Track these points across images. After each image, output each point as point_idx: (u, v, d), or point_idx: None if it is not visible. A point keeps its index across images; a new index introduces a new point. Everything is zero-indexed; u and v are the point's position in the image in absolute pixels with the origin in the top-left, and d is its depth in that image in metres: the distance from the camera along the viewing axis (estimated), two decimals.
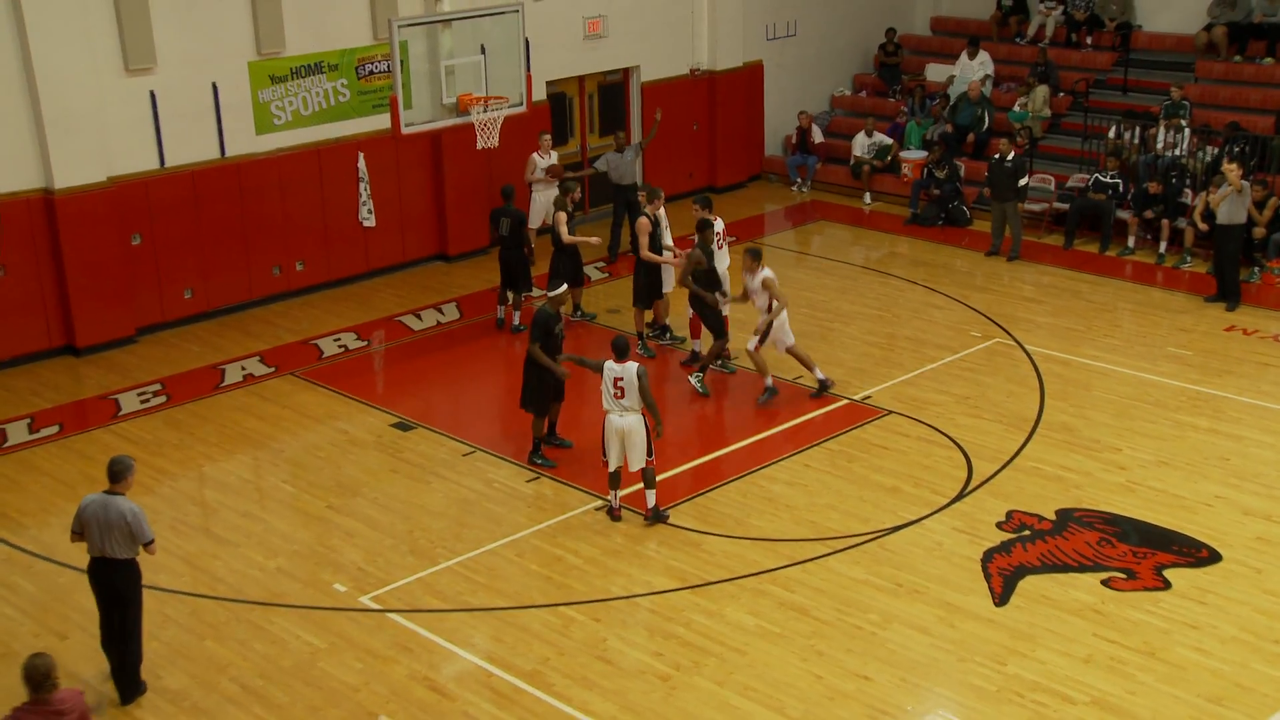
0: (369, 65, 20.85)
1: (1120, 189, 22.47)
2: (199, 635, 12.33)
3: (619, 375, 13.76)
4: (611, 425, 13.86)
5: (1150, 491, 14.51)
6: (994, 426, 16.08)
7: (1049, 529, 13.81)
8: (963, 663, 11.74)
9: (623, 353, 13.90)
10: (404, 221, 21.81)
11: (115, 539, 10.87)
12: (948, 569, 13.15)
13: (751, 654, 11.88)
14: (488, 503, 14.64)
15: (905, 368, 17.88)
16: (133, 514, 10.84)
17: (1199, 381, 17.24)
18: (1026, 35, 27.46)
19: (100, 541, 10.90)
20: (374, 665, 11.83)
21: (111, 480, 10.98)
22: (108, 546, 10.90)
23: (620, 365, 13.81)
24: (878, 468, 15.20)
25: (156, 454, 15.80)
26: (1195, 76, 24.84)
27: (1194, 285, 20.64)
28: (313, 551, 13.74)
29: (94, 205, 18.34)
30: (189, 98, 19.19)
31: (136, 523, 10.85)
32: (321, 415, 16.85)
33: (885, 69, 28.36)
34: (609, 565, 13.33)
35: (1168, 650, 11.84)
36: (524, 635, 12.21)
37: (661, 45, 24.94)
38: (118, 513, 10.81)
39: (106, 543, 10.89)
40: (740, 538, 13.81)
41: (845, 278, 21.56)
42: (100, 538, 10.88)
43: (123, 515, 10.81)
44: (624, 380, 13.73)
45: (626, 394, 13.75)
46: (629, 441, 13.83)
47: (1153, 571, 13.07)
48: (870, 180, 25.52)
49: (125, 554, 10.96)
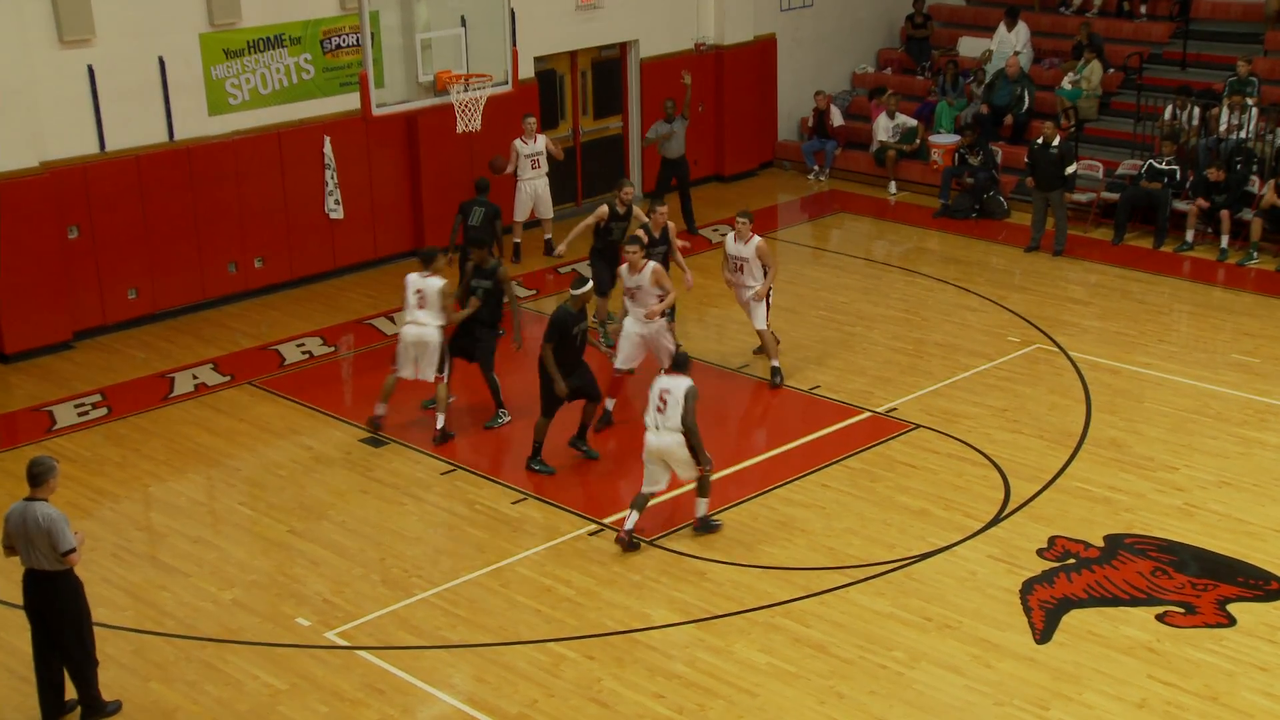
0: (336, 38, 20.92)
1: (1177, 176, 22.55)
2: (144, 676, 12.32)
3: (666, 388, 13.89)
4: (648, 445, 14.00)
5: (1211, 516, 14.53)
6: (1034, 442, 16.12)
7: (1097, 557, 13.84)
8: (1000, 706, 11.74)
9: (680, 366, 14.08)
10: (375, 213, 21.89)
11: (39, 550, 10.81)
12: (983, 601, 13.16)
13: (763, 696, 11.88)
14: (469, 527, 14.67)
15: (935, 377, 17.94)
16: (48, 520, 10.74)
17: (1266, 392, 17.30)
18: (1072, 4, 27.52)
19: (26, 553, 10.88)
20: (341, 709, 11.82)
21: (31, 485, 10.94)
22: (34, 558, 10.87)
23: (670, 378, 13.97)
24: (904, 488, 15.24)
25: (96, 473, 15.84)
26: (1265, 49, 24.95)
27: (1261, 285, 20.71)
28: (273, 582, 13.75)
29: (25, 194, 18.36)
30: (132, 73, 19.25)
31: (55, 529, 10.74)
32: (283, 429, 16.89)
33: (913, 43, 28.43)
34: (604, 597, 13.35)
35: (1232, 695, 11.86)
36: (509, 675, 12.21)
37: (663, 17, 25.04)
38: (34, 521, 10.75)
39: (32, 554, 10.86)
40: (750, 566, 13.84)
41: (868, 276, 21.63)
42: (26, 549, 10.86)
43: (39, 523, 10.74)
44: (671, 395, 13.85)
45: (668, 410, 13.84)
46: (671, 459, 13.96)
47: (1215, 605, 13.09)
48: (896, 168, 25.61)
49: (53, 565, 10.88)
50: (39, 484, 10.93)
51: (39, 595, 11.02)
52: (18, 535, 10.87)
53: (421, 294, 16.21)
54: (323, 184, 21.17)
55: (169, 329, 19.70)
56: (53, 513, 10.81)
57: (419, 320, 16.21)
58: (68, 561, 10.87)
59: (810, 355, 18.62)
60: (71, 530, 10.91)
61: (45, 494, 10.95)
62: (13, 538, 10.94)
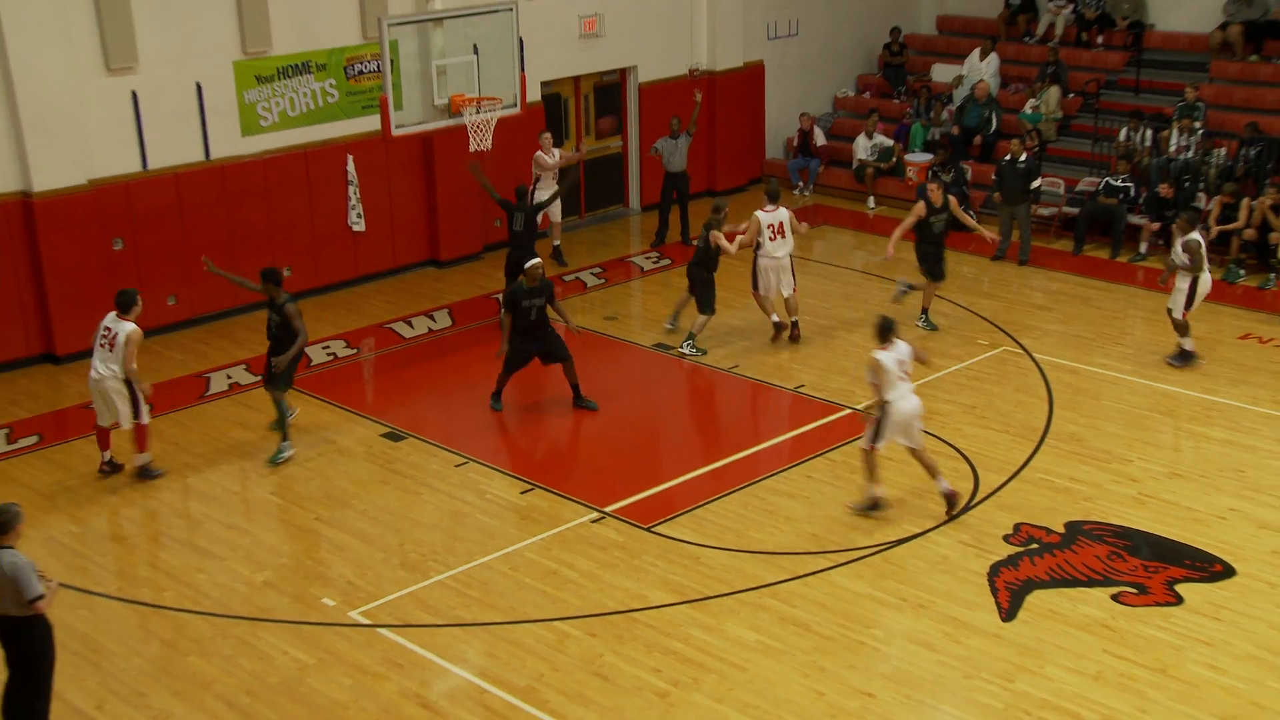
0: (358, 65, 20.94)
1: (1132, 193, 22.59)
2: (183, 651, 12.35)
3: (901, 357, 13.90)
4: (903, 412, 13.96)
5: (1162, 504, 14.56)
6: (1001, 437, 16.14)
7: (1057, 542, 13.86)
8: (969, 679, 11.76)
9: (889, 334, 13.95)
10: (394, 226, 21.90)
11: (5, 596, 10.12)
12: (953, 583, 13.18)
13: (752, 670, 11.91)
14: (481, 515, 14.68)
15: (911, 376, 17.90)
16: (13, 567, 10.06)
17: (1212, 391, 17.32)
18: (1035, 34, 27.58)
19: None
20: (363, 682, 11.86)
21: None
22: (4, 604, 10.18)
23: (894, 348, 13.91)
24: (882, 479, 15.22)
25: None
26: (1210, 77, 24.97)
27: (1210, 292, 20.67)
28: (300, 565, 13.79)
29: (74, 209, 18.41)
30: (172, 98, 19.27)
31: (20, 576, 10.07)
32: (310, 425, 16.89)
33: (889, 69, 28.47)
34: (605, 579, 13.36)
35: (1180, 667, 11.88)
36: (518, 651, 12.24)
37: (659, 44, 25.04)
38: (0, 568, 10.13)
39: (2, 600, 10.19)
40: (740, 550, 13.84)
41: (848, 284, 21.65)
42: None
43: (3, 570, 10.04)
44: (905, 360, 13.90)
45: (909, 370, 13.94)
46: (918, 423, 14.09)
47: (1165, 586, 13.12)
48: (874, 184, 25.63)
49: (18, 611, 10.17)
50: (4, 531, 10.18)
51: (8, 641, 10.38)
52: None
53: (108, 336, 14.96)
54: (346, 199, 21.18)
55: (205, 333, 19.73)
56: (19, 559, 10.11)
57: (96, 367, 14.99)
58: (34, 609, 10.17)
59: (795, 357, 18.65)
60: (40, 579, 10.24)
61: (11, 541, 10.20)
62: None
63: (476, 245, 22.72)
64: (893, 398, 13.85)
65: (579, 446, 16.45)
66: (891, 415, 13.85)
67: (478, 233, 22.70)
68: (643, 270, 22.51)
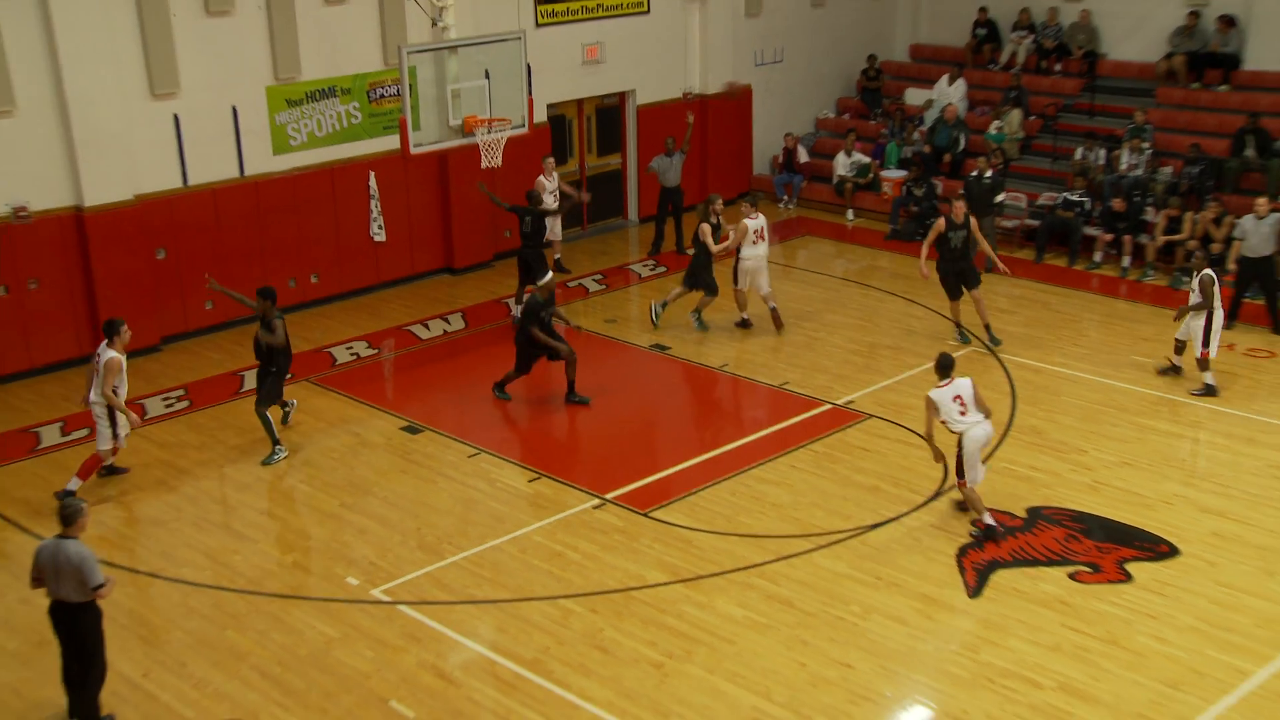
0: (380, 89, 20.94)
1: (1087, 207, 22.60)
2: (220, 625, 12.38)
3: (958, 393, 13.55)
4: (975, 440, 13.52)
5: (1114, 490, 14.58)
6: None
7: (1019, 526, 13.86)
8: (939, 651, 11.79)
9: (947, 370, 13.65)
10: (412, 236, 21.89)
11: (68, 583, 10.26)
12: (925, 564, 13.20)
13: (740, 643, 11.92)
14: (491, 501, 14.68)
15: (885, 374, 17.96)
16: (81, 559, 10.19)
17: (1159, 388, 17.33)
18: (999, 62, 27.57)
19: (55, 585, 10.32)
20: (384, 654, 11.88)
21: (63, 524, 10.36)
22: (62, 590, 10.30)
23: (951, 384, 13.56)
24: (859, 468, 15.26)
25: (180, 455, 15.88)
26: (1156, 102, 24.96)
27: (1155, 298, 20.73)
28: (327, 547, 13.80)
29: (121, 221, 18.43)
30: (210, 120, 19.27)
31: (86, 566, 10.19)
32: (334, 419, 16.91)
33: (867, 93, 28.47)
34: (606, 560, 13.37)
35: (1129, 639, 11.91)
36: (526, 626, 12.25)
37: (656, 70, 25.04)
38: (66, 558, 10.19)
39: (61, 587, 10.29)
40: (729, 534, 13.85)
41: (829, 289, 21.64)
42: (55, 582, 10.30)
43: (70, 560, 10.18)
44: (964, 395, 13.56)
45: (969, 408, 13.55)
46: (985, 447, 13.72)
47: (1116, 565, 13.14)
48: (853, 197, 25.63)
49: (79, 598, 10.31)
50: (70, 524, 10.33)
51: (65, 621, 10.45)
52: (48, 569, 10.28)
53: (95, 364, 14.53)
54: (368, 212, 21.16)
55: (240, 335, 19.65)
56: (84, 551, 10.26)
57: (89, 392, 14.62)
58: (97, 595, 10.32)
59: (780, 356, 18.66)
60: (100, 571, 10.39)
61: (76, 533, 10.34)
62: (43, 571, 10.34)
63: (488, 254, 22.73)
64: (963, 430, 13.54)
65: (582, 438, 16.46)
66: (967, 446, 13.55)
67: (489, 242, 22.70)
68: (640, 277, 22.51)
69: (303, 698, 11.30)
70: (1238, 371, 17.74)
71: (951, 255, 18.39)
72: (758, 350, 18.88)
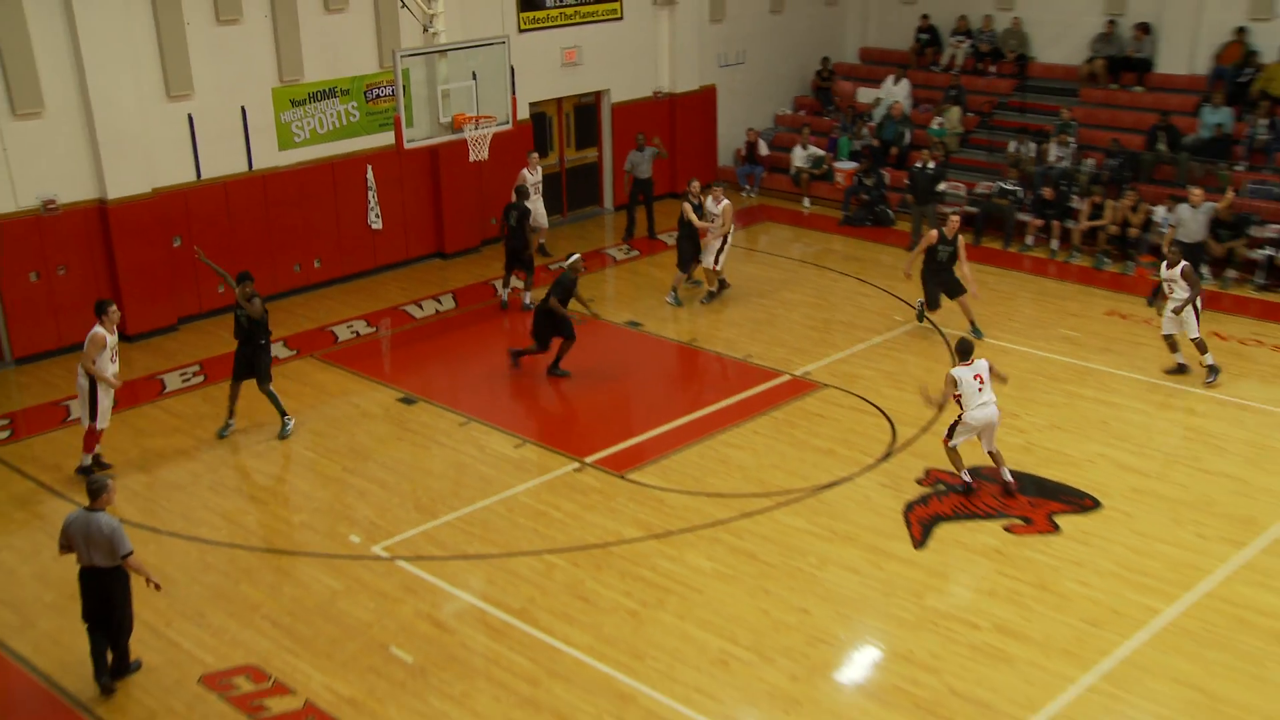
0: (376, 90, 20.84)
1: (1019, 195, 22.66)
2: (235, 579, 12.40)
3: (977, 372, 13.46)
4: (980, 419, 13.45)
5: (1044, 451, 14.69)
6: (914, 397, 16.13)
7: (961, 484, 13.96)
8: (887, 597, 11.88)
9: (968, 353, 13.58)
10: (407, 224, 21.81)
11: (99, 551, 10.30)
12: (875, 519, 13.28)
13: (708, 592, 11.98)
14: (481, 466, 14.69)
15: (839, 347, 18.01)
16: (111, 529, 10.26)
17: (1085, 359, 17.43)
18: (940, 64, 27.58)
19: (87, 554, 10.34)
20: (384, 605, 11.91)
21: (91, 499, 10.39)
22: (95, 558, 10.33)
23: (972, 364, 13.48)
24: (816, 433, 15.32)
25: (197, 425, 15.84)
26: (1080, 100, 25.01)
27: (1081, 277, 20.83)
28: (331, 508, 13.80)
29: (140, 213, 18.33)
30: (221, 119, 19.17)
31: (116, 536, 10.26)
32: (337, 391, 16.89)
33: (821, 92, 28.43)
34: (586, 518, 13.41)
35: (1056, 583, 12.03)
36: (513, 578, 12.29)
37: (628, 71, 24.96)
38: (98, 528, 10.24)
39: (93, 555, 10.32)
40: (698, 493, 13.90)
41: (788, 271, 21.67)
42: (86, 551, 10.32)
43: (102, 530, 10.23)
44: (983, 373, 13.47)
45: (986, 386, 13.47)
46: (992, 427, 13.61)
47: (1045, 518, 13.25)
48: (809, 187, 25.62)
49: (109, 564, 10.36)
50: (96, 498, 10.36)
51: (95, 585, 10.48)
52: (79, 538, 10.31)
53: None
54: (366, 202, 21.09)
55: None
56: (114, 522, 10.32)
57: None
58: (127, 563, 10.36)
59: (743, 331, 18.68)
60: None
61: (102, 505, 10.38)
62: (73, 540, 10.36)
63: (476, 240, 22.68)
64: (969, 407, 13.48)
65: (564, 408, 16.48)
66: (966, 421, 13.53)
67: (477, 229, 22.65)
68: (615, 260, 22.49)
69: (310, 644, 11.33)
70: (1150, 343, 17.84)
71: (937, 266, 18.10)
72: (722, 326, 18.92)
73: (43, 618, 11.81)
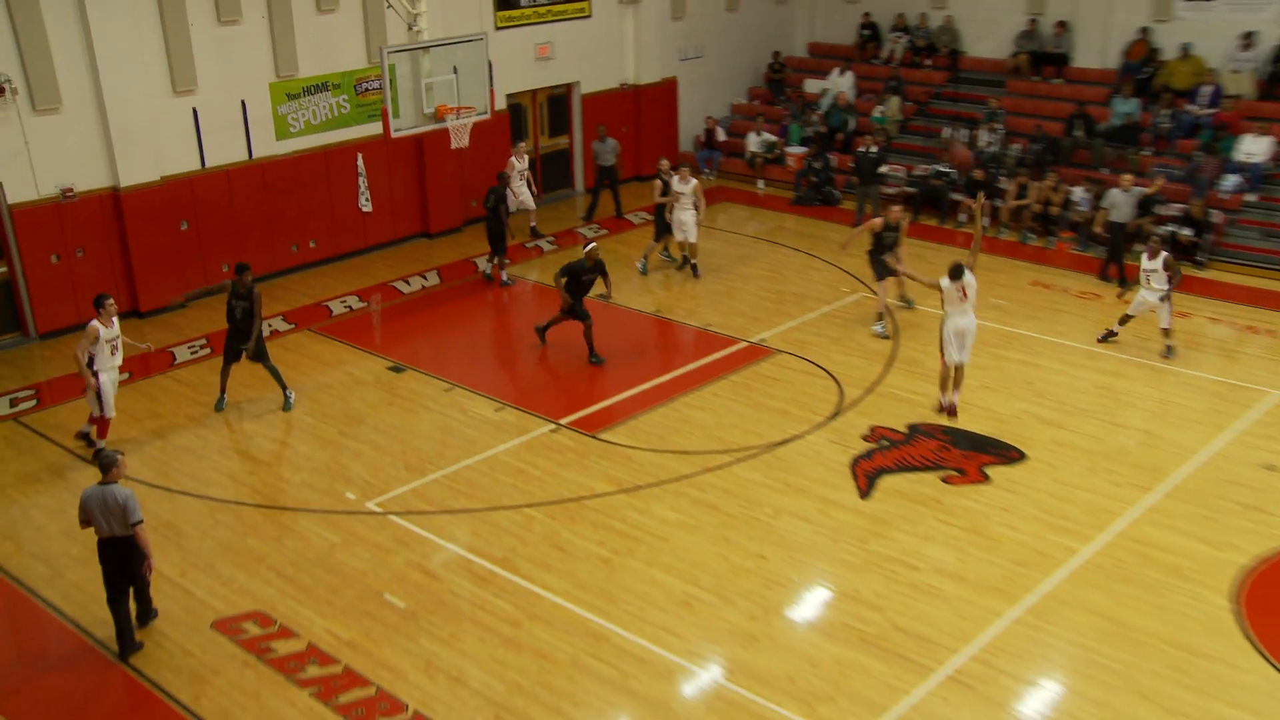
0: (365, 84, 20.65)
1: (953, 177, 22.68)
2: (242, 534, 12.37)
3: (964, 285, 13.34)
4: (953, 325, 13.44)
5: (976, 409, 14.75)
6: (860, 361, 16.28)
7: (901, 439, 14.04)
8: (836, 543, 11.95)
9: (958, 274, 13.36)
10: (394, 207, 21.65)
11: (115, 521, 10.22)
12: (824, 472, 13.34)
13: (673, 541, 12.03)
14: (465, 428, 14.67)
15: (791, 316, 18.03)
16: (125, 498, 10.18)
17: (1012, 325, 17.51)
18: (881, 57, 27.52)
19: (106, 525, 10.25)
20: (378, 555, 11.91)
21: (103, 473, 10.29)
22: (114, 528, 10.25)
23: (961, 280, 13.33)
24: (771, 395, 15.36)
25: (204, 394, 15.72)
26: (1006, 91, 25.00)
27: (1008, 251, 20.90)
28: (328, 468, 13.76)
29: (151, 199, 18.14)
30: (223, 112, 18.96)
31: (129, 504, 10.18)
32: (332, 361, 16.80)
33: (773, 83, 28.33)
34: (561, 475, 13.42)
35: (987, 528, 12.13)
36: (495, 530, 12.30)
37: (597, 65, 24.82)
38: (113, 499, 10.16)
39: (111, 525, 10.24)
40: (664, 451, 13.92)
41: (744, 247, 21.65)
42: (105, 522, 10.24)
43: (118, 501, 10.15)
44: (969, 287, 13.34)
45: (969, 298, 13.40)
46: (969, 339, 13.55)
47: (977, 469, 13.35)
48: (762, 170, 25.57)
49: (125, 532, 10.28)
50: (108, 471, 10.26)
51: (115, 554, 10.36)
52: (97, 510, 10.21)
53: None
54: (356, 187, 20.94)
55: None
56: (127, 493, 10.22)
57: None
58: (136, 532, 10.24)
59: (703, 302, 18.67)
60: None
61: (114, 479, 10.28)
62: (90, 513, 10.26)
63: (459, 220, 22.55)
64: (950, 314, 13.50)
65: (540, 374, 16.43)
66: (946, 328, 13.50)
67: (459, 211, 22.52)
68: (586, 239, 22.42)
69: (311, 592, 11.33)
70: (1071, 310, 17.97)
71: (881, 247, 17.78)
72: (684, 298, 18.90)
73: (70, 569, 11.78)
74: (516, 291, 19.47)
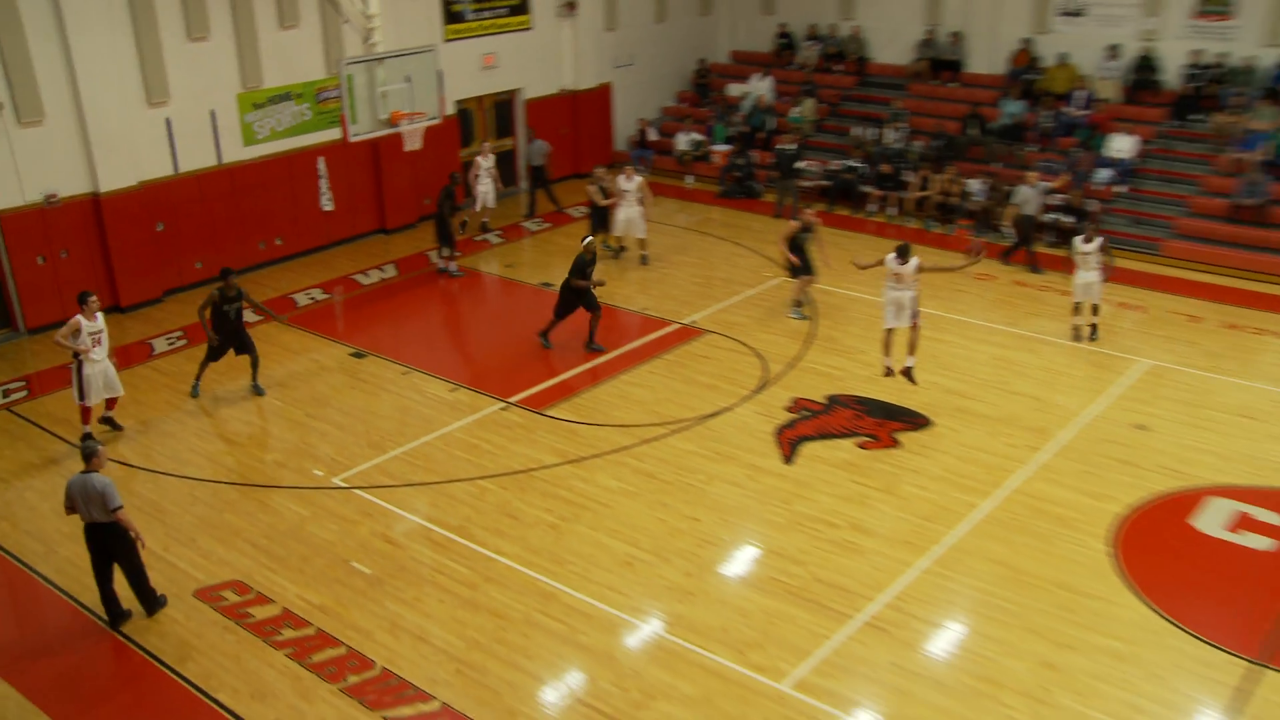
0: (325, 93, 20.37)
1: (863, 171, 22.82)
2: (219, 510, 12.24)
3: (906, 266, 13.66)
4: (889, 296, 13.85)
5: (888, 381, 14.81)
6: (782, 339, 16.35)
7: (821, 409, 14.14)
8: (763, 505, 12.04)
9: (905, 255, 13.70)
10: (353, 205, 21.40)
11: (95, 507, 10.02)
12: (752, 441, 13.42)
13: (615, 507, 12.06)
14: (422, 408, 14.59)
15: (719, 299, 18.07)
16: (104, 486, 9.96)
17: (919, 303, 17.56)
18: (796, 63, 27.59)
19: (87, 511, 10.07)
20: (345, 527, 11.83)
21: (85, 462, 10.07)
22: (93, 514, 10.06)
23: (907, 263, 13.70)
24: (702, 371, 15.40)
25: (181, 382, 15.49)
26: (909, 93, 25.17)
27: (912, 238, 21.03)
28: (297, 448, 13.64)
29: (129, 202, 17.81)
30: (194, 121, 18.61)
31: (107, 492, 9.95)
32: (299, 348, 16.62)
33: (699, 87, 28.28)
34: (511, 449, 13.39)
35: (898, 488, 12.28)
36: (452, 501, 12.26)
37: (538, 72, 24.64)
38: (93, 487, 9.95)
39: (92, 511, 10.05)
40: (605, 425, 13.94)
41: (675, 236, 21.66)
42: (86, 508, 10.06)
43: (97, 489, 9.95)
44: (907, 270, 13.65)
45: (904, 282, 13.67)
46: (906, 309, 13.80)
47: (889, 435, 13.49)
48: (691, 166, 25.55)
49: (106, 518, 10.07)
50: (89, 460, 10.04)
51: (99, 540, 10.20)
52: (79, 498, 10.02)
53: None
54: (318, 188, 20.68)
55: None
56: (106, 480, 9.99)
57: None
58: (117, 516, 10.01)
59: (639, 288, 18.66)
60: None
61: (96, 467, 10.04)
62: (74, 500, 10.07)
63: (413, 217, 22.32)
64: (888, 286, 13.84)
65: (490, 356, 16.35)
66: (885, 298, 13.87)
67: (414, 208, 22.30)
68: (531, 232, 22.31)
69: (284, 561, 11.24)
70: (970, 290, 18.17)
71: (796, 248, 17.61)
72: (622, 284, 18.88)
73: (62, 546, 11.61)
74: (466, 282, 19.36)
